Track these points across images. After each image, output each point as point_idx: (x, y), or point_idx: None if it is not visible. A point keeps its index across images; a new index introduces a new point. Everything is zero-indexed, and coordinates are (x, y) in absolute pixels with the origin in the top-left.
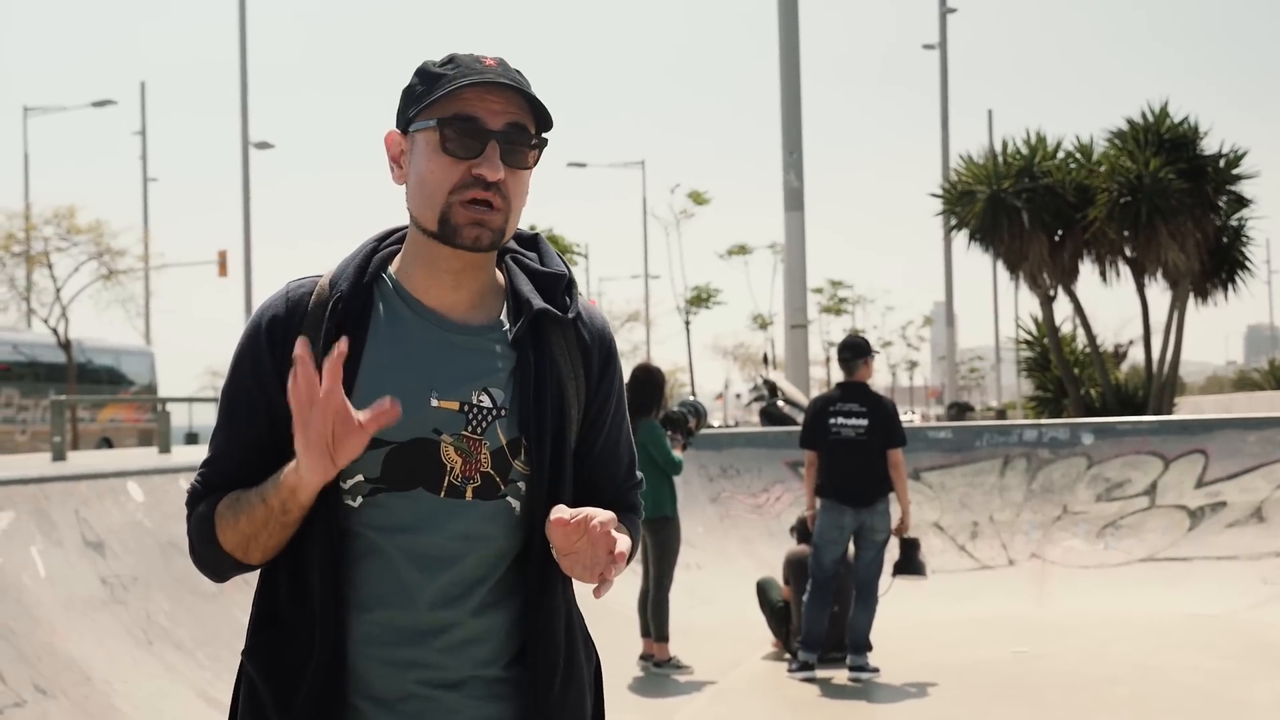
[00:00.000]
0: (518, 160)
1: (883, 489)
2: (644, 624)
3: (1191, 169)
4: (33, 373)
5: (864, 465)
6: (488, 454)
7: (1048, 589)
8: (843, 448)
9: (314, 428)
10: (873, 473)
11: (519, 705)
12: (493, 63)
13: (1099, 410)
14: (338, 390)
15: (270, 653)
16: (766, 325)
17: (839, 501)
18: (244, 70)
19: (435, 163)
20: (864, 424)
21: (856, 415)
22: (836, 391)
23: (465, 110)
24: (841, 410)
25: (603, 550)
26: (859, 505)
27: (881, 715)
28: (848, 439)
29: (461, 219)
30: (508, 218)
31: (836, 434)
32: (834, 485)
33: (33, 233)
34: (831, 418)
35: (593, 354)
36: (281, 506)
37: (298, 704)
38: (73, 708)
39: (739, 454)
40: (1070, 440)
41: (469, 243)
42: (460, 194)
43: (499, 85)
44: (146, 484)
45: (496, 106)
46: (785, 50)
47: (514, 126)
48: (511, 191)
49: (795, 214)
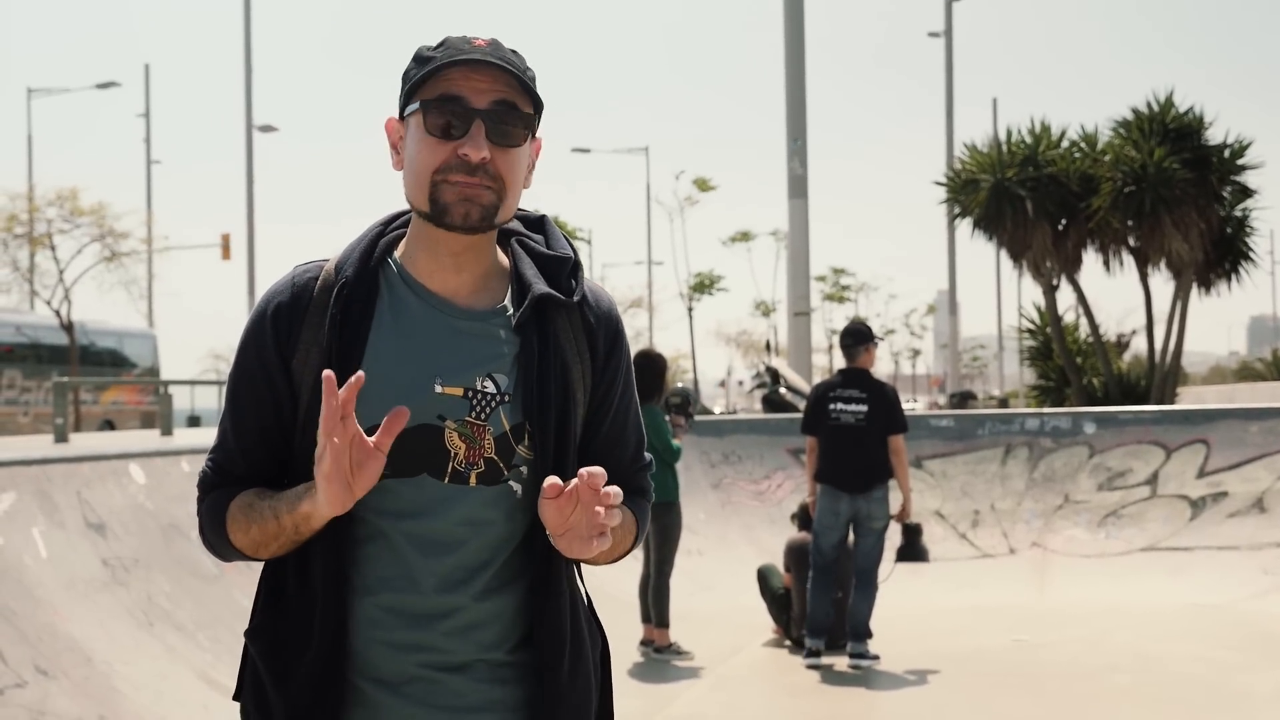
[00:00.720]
0: (505, 138)
1: (881, 476)
2: (644, 609)
3: (1196, 159)
4: (35, 354)
5: (862, 451)
6: (491, 440)
7: (1049, 578)
8: (841, 434)
9: (334, 459)
10: (871, 459)
11: (525, 688)
12: (483, 43)
13: (1101, 399)
14: (351, 418)
15: (273, 633)
16: (769, 312)
17: (836, 487)
18: (248, 53)
19: (423, 144)
20: (863, 410)
21: (857, 401)
22: (837, 377)
23: (450, 90)
24: (841, 396)
25: (594, 513)
26: (855, 491)
27: (881, 703)
28: (847, 425)
29: (449, 196)
30: (501, 196)
31: (836, 420)
32: (831, 471)
33: (36, 214)
34: (831, 404)
35: (598, 336)
36: (294, 528)
37: (297, 683)
38: (73, 688)
39: (741, 441)
40: (1072, 429)
41: (459, 220)
42: (445, 174)
43: (484, 64)
44: (148, 466)
45: (482, 85)
46: (790, 37)
47: (500, 104)
48: (502, 169)
49: (799, 201)
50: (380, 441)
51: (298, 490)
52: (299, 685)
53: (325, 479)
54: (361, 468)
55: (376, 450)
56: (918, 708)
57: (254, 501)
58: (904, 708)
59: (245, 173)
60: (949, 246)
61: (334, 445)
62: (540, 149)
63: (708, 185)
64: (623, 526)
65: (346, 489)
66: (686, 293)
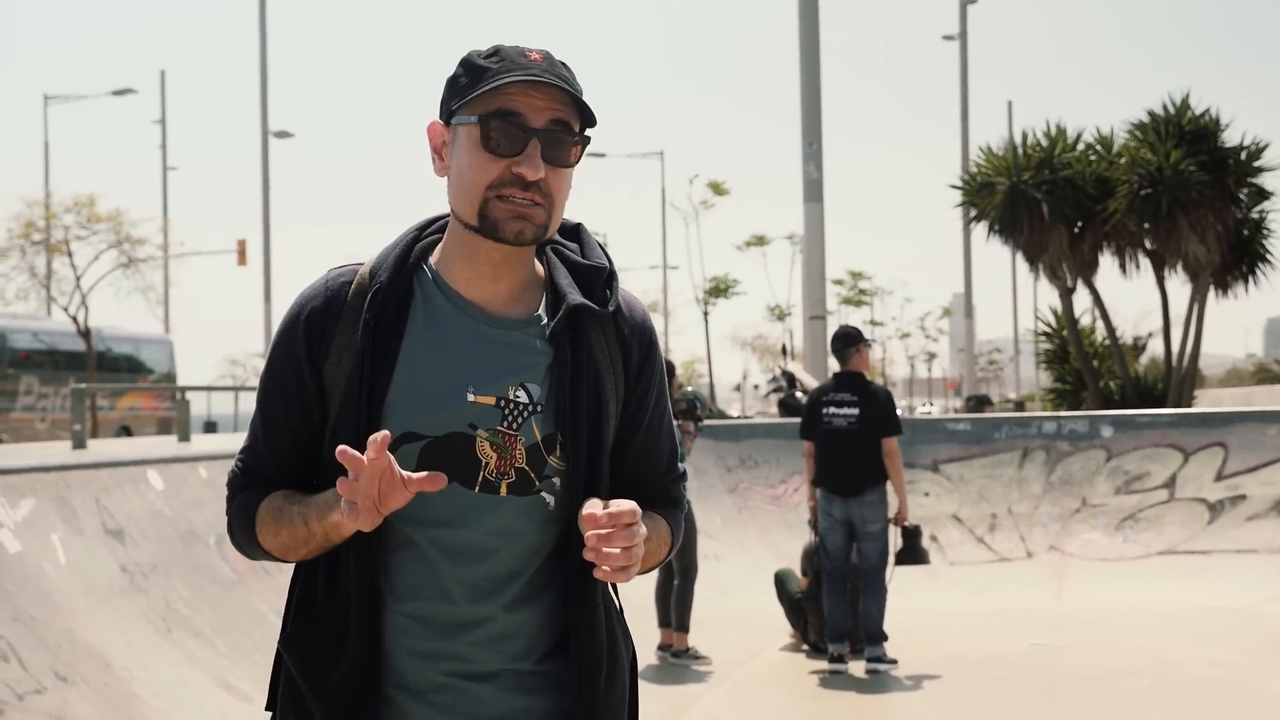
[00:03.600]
0: (560, 158)
1: (874, 479)
2: (661, 614)
3: (1212, 161)
4: (52, 361)
5: (853, 455)
6: (523, 450)
7: (1066, 582)
8: (835, 438)
9: (361, 490)
10: (862, 463)
11: (551, 698)
12: (538, 57)
13: (1118, 403)
14: (383, 456)
15: (306, 641)
16: (784, 316)
17: (830, 491)
18: (264, 58)
19: (475, 158)
20: (854, 413)
21: (849, 405)
22: (830, 382)
23: (508, 106)
24: (834, 400)
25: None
26: (847, 495)
27: (899, 707)
28: (839, 429)
29: (502, 213)
30: (551, 214)
31: (829, 424)
32: (824, 475)
33: (53, 221)
34: (825, 408)
35: (632, 347)
36: (324, 535)
37: (332, 691)
38: (93, 695)
39: (757, 445)
40: (1089, 433)
41: (511, 237)
42: (498, 190)
43: (543, 82)
44: (166, 472)
45: (540, 103)
46: (805, 41)
47: (557, 123)
48: (554, 188)
49: (814, 205)
50: (411, 483)
51: (327, 497)
52: (334, 693)
53: (348, 508)
54: (388, 498)
55: (405, 485)
56: (935, 712)
57: (283, 505)
58: (921, 712)
59: (261, 179)
60: (964, 250)
61: (362, 482)
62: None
63: (722, 188)
64: (656, 537)
65: (373, 512)
66: (702, 297)
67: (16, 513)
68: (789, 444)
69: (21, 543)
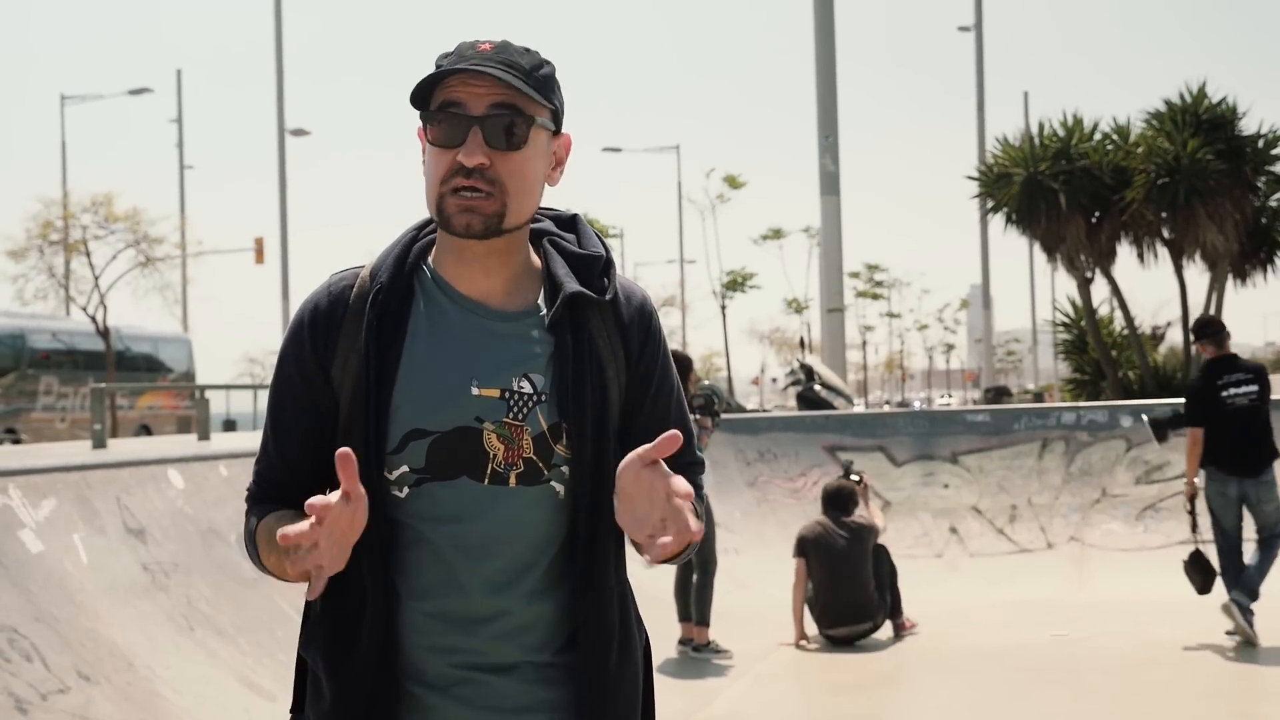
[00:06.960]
0: (506, 142)
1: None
2: (681, 608)
3: (1230, 149)
4: (71, 360)
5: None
6: (530, 440)
7: (1087, 572)
8: (1235, 416)
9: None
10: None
11: (571, 689)
12: (487, 47)
13: (1137, 392)
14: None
15: (325, 643)
16: (802, 309)
17: (1225, 473)
18: (280, 57)
19: (430, 154)
20: (1255, 390)
21: (1247, 384)
22: (1221, 363)
23: (449, 97)
24: (1231, 381)
25: (659, 503)
26: (1243, 475)
27: (920, 698)
28: (1240, 407)
29: (452, 208)
30: (505, 202)
31: (1231, 403)
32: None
33: (70, 221)
34: (1224, 390)
35: (631, 332)
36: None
37: (350, 691)
38: (116, 694)
39: (776, 438)
40: (1109, 423)
41: (461, 230)
42: (449, 183)
43: (480, 70)
44: (187, 471)
45: (479, 90)
46: (820, 34)
47: (499, 108)
48: (502, 173)
49: (831, 198)
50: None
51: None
52: (354, 690)
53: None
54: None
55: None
56: (956, 704)
57: (273, 527)
58: (943, 704)
59: (278, 177)
60: (982, 241)
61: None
62: (570, 145)
63: (738, 182)
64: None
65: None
66: (719, 291)
67: (38, 513)
68: (808, 437)
69: (43, 543)
